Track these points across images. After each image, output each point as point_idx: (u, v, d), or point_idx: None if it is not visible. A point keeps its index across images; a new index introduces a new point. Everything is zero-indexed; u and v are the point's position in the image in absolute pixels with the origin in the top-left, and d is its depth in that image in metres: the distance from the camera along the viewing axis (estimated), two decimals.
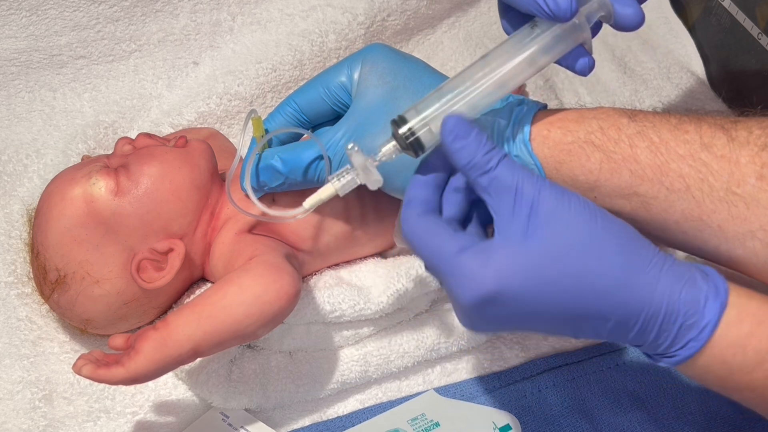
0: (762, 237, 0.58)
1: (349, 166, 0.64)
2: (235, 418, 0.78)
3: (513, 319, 0.58)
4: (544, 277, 0.55)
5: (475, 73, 0.63)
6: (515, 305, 0.56)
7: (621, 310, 0.56)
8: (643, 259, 0.56)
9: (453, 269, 0.57)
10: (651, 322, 0.56)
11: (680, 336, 0.56)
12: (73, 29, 0.95)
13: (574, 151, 0.64)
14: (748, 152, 0.59)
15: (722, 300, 0.55)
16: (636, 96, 1.03)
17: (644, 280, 0.56)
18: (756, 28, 0.96)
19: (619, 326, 0.56)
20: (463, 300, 0.57)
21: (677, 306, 0.55)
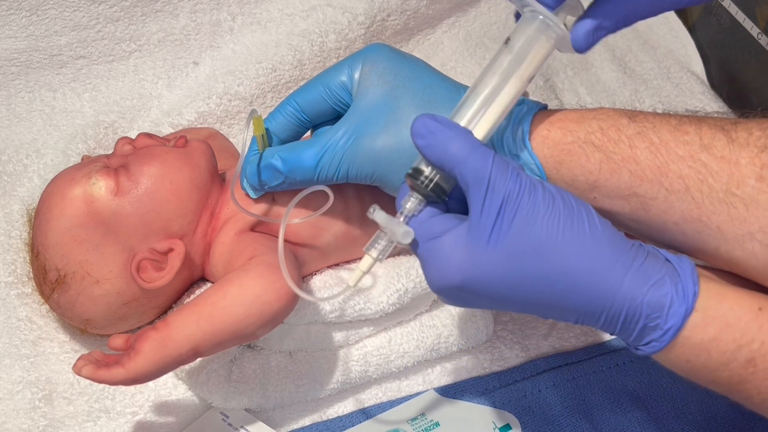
0: (761, 238, 0.58)
1: (379, 233, 0.62)
2: (235, 418, 0.78)
3: (481, 304, 0.61)
4: (507, 273, 0.57)
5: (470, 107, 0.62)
6: (480, 295, 0.59)
7: (583, 308, 0.58)
8: (610, 258, 0.57)
9: (424, 255, 0.60)
10: (612, 320, 0.58)
11: (642, 335, 0.58)
12: (73, 29, 0.95)
13: (573, 151, 0.64)
14: (748, 153, 0.59)
15: (688, 305, 0.56)
16: (636, 96, 1.03)
17: (607, 282, 0.57)
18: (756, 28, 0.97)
19: (583, 319, 0.59)
20: (431, 285, 0.61)
21: (639, 309, 0.57)
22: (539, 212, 0.57)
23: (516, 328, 0.86)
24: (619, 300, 0.57)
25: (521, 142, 0.66)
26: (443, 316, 0.82)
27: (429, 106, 0.68)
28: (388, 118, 0.68)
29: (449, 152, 0.58)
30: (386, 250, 0.62)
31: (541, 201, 0.57)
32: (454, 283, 0.58)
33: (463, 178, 0.58)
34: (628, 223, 0.65)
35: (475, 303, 0.61)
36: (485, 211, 0.57)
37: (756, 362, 0.56)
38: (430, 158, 0.59)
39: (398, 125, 0.67)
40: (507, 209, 0.57)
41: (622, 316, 0.57)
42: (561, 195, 0.58)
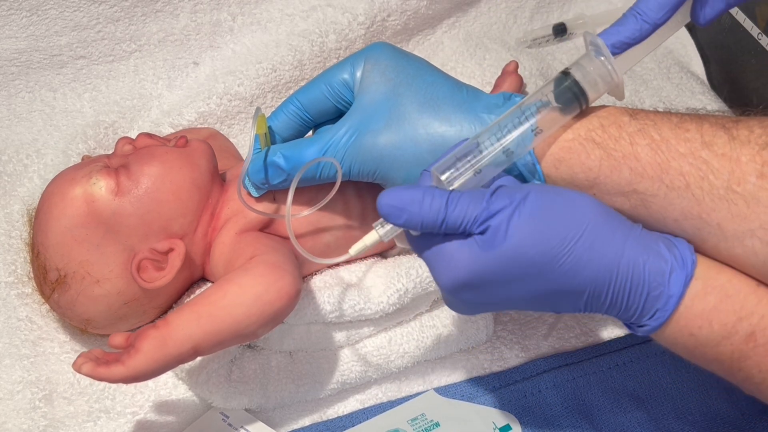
0: (761, 236, 0.58)
1: None
2: (235, 418, 0.78)
3: (489, 301, 0.62)
4: (515, 263, 0.58)
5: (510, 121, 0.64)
6: (488, 291, 0.60)
7: (590, 284, 0.58)
8: (608, 230, 0.59)
9: (431, 256, 0.61)
10: (619, 293, 0.59)
11: (648, 306, 0.59)
12: (74, 29, 0.95)
13: (574, 148, 0.64)
14: (749, 151, 0.59)
15: (688, 272, 0.58)
16: (636, 96, 1.03)
17: (609, 252, 0.58)
18: (756, 28, 0.97)
19: (592, 299, 0.59)
20: (441, 285, 0.61)
21: (642, 277, 0.58)
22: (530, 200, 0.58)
23: (516, 328, 0.86)
24: (623, 268, 0.58)
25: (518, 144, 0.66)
26: (443, 316, 0.82)
27: (431, 104, 0.68)
28: (390, 115, 0.68)
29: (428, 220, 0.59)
30: (391, 233, 0.64)
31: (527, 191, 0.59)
32: (462, 278, 0.59)
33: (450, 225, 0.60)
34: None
35: (483, 302, 0.62)
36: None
37: (756, 336, 0.57)
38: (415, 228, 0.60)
39: (401, 123, 0.68)
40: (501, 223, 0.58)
41: (628, 286, 0.58)
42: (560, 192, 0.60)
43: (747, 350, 0.57)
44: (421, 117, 0.68)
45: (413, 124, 0.68)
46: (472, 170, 0.63)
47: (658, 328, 0.59)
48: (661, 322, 0.59)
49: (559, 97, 0.63)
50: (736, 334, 0.57)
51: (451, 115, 0.67)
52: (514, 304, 0.62)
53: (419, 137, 0.67)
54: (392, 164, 0.68)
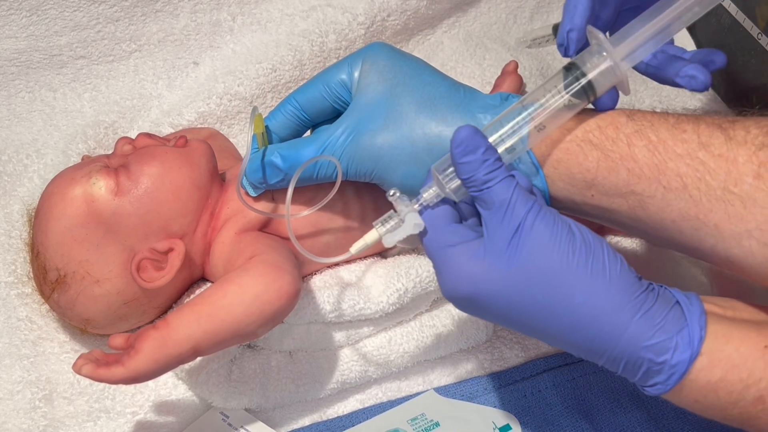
0: (758, 236, 0.58)
1: (392, 212, 0.64)
2: (235, 418, 0.78)
3: (488, 318, 0.62)
4: (515, 295, 0.59)
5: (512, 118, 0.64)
6: (487, 310, 0.60)
7: (585, 345, 0.58)
8: (618, 302, 0.58)
9: (439, 261, 0.61)
10: (615, 362, 0.58)
11: (647, 378, 0.58)
12: (74, 29, 0.95)
13: (571, 149, 0.64)
14: (746, 151, 0.59)
15: (693, 350, 0.57)
16: (635, 96, 1.03)
17: (612, 325, 0.57)
18: (756, 28, 0.97)
19: (586, 355, 0.59)
20: (443, 291, 0.62)
21: (642, 355, 0.57)
22: (554, 243, 0.58)
23: None
24: (623, 344, 0.57)
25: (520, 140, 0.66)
26: (443, 316, 0.82)
27: (429, 104, 0.68)
28: (387, 115, 0.68)
29: (479, 172, 0.60)
30: (391, 231, 0.64)
31: (557, 232, 0.58)
32: (464, 293, 0.60)
33: (485, 199, 0.60)
34: (625, 222, 0.65)
35: (483, 316, 0.62)
36: (502, 229, 0.59)
37: (765, 400, 0.56)
38: (460, 169, 0.60)
39: (398, 122, 0.68)
40: (523, 233, 0.58)
41: (623, 361, 0.58)
42: (579, 230, 0.59)
43: (756, 413, 0.56)
44: (419, 117, 0.68)
45: (410, 124, 0.68)
46: None
47: (659, 396, 0.59)
48: (660, 393, 0.58)
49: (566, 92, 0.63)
50: (744, 399, 0.56)
51: (448, 115, 0.67)
52: (509, 327, 0.62)
53: (416, 137, 0.67)
54: (389, 164, 0.68)
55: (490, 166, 0.60)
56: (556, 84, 0.64)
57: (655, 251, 0.89)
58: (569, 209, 0.68)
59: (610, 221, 0.67)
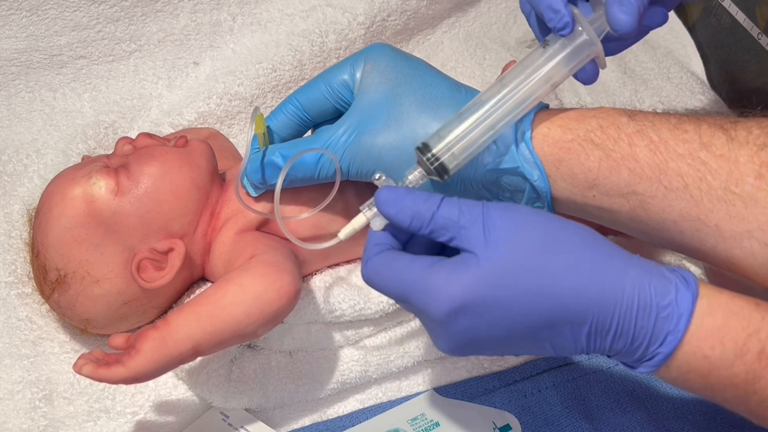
0: (759, 236, 0.58)
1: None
2: (235, 418, 0.78)
3: (488, 332, 0.57)
4: (513, 281, 0.56)
5: (493, 95, 0.65)
6: (488, 314, 0.56)
7: (594, 307, 0.55)
8: (608, 252, 0.57)
9: (421, 285, 0.57)
10: (626, 317, 0.55)
11: (657, 331, 0.56)
12: (74, 29, 0.95)
13: (573, 149, 0.64)
14: (747, 152, 0.59)
15: (693, 290, 0.56)
16: (636, 96, 1.03)
17: (612, 273, 0.56)
18: (756, 28, 0.97)
19: (596, 328, 0.56)
20: (435, 313, 0.56)
21: (649, 296, 0.55)
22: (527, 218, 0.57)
23: None
24: (629, 288, 0.55)
25: (523, 140, 0.66)
26: None
27: (430, 104, 0.68)
28: (389, 115, 0.68)
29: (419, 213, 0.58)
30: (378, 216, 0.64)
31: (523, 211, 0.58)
32: (460, 301, 0.56)
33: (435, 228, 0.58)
34: (627, 222, 0.65)
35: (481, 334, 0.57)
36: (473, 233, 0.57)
37: (767, 352, 0.55)
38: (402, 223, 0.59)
39: (399, 122, 0.68)
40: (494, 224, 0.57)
41: (635, 308, 0.55)
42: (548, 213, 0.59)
43: (760, 369, 0.55)
44: (420, 117, 0.68)
45: (412, 124, 0.68)
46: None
47: (669, 355, 0.56)
48: (674, 346, 0.55)
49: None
50: (748, 352, 0.55)
51: (449, 115, 0.67)
52: (511, 336, 0.57)
53: (418, 137, 0.67)
54: (391, 164, 0.68)
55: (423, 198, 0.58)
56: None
57: (656, 252, 0.89)
58: (570, 210, 0.68)
59: (611, 222, 0.67)
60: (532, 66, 0.65)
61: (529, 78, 0.65)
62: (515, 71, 0.66)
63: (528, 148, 0.66)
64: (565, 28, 0.63)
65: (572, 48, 0.65)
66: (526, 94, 0.65)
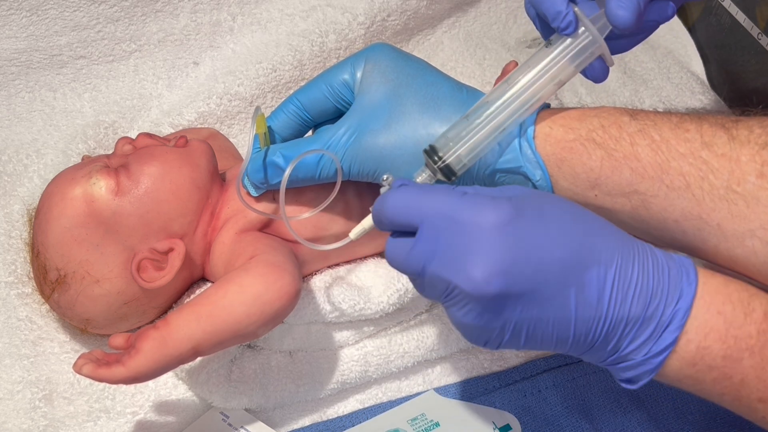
0: (762, 236, 0.58)
1: None
2: (235, 418, 0.78)
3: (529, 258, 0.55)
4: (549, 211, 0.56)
5: (500, 97, 0.66)
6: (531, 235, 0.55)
7: (618, 251, 0.56)
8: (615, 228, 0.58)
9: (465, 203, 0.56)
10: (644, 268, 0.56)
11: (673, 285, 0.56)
12: (74, 29, 0.95)
13: (575, 148, 0.64)
14: (749, 151, 0.59)
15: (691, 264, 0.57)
16: (636, 96, 1.03)
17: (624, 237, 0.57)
18: (756, 28, 0.97)
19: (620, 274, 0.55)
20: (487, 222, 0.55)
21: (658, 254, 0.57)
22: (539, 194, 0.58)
23: None
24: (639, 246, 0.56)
25: (525, 139, 0.66)
26: (443, 316, 0.82)
27: (431, 104, 0.68)
28: (390, 115, 0.68)
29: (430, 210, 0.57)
30: None
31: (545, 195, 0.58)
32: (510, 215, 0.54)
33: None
34: (628, 222, 0.65)
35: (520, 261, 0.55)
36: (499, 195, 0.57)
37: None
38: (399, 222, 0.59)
39: (401, 122, 0.68)
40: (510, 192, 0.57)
41: (650, 261, 0.55)
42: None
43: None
44: (422, 117, 0.68)
45: (413, 124, 0.68)
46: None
47: (689, 309, 0.55)
48: (691, 298, 0.55)
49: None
50: (754, 311, 0.55)
51: (451, 115, 0.67)
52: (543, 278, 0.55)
53: (419, 137, 0.67)
54: (392, 164, 0.68)
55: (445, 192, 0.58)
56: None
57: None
58: None
59: (613, 221, 0.66)
60: (537, 66, 0.66)
61: (534, 78, 0.66)
62: (520, 71, 0.66)
63: (531, 148, 0.66)
64: (569, 27, 0.64)
65: (576, 46, 0.65)
66: (532, 93, 0.66)
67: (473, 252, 0.55)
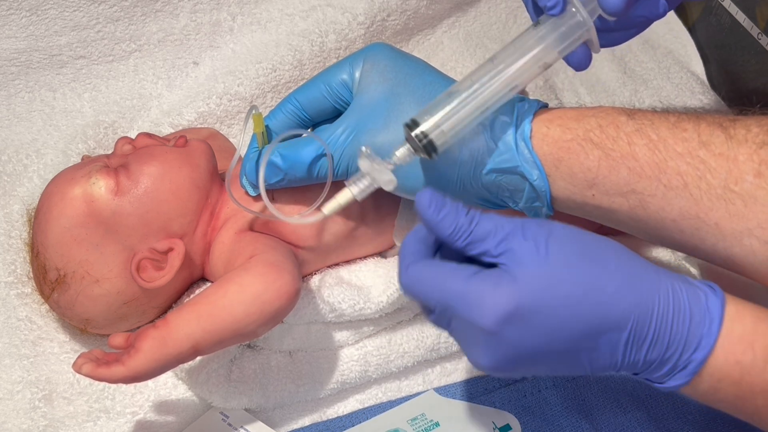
0: (759, 234, 0.58)
1: (363, 171, 0.64)
2: (235, 418, 0.78)
3: (533, 342, 0.55)
4: (557, 289, 0.54)
5: (484, 75, 0.65)
6: (534, 321, 0.54)
7: (634, 312, 0.55)
8: (641, 263, 0.56)
9: (466, 294, 0.55)
10: (663, 321, 0.55)
11: (691, 336, 0.55)
12: (73, 29, 0.95)
13: (572, 148, 0.64)
14: (747, 150, 0.59)
15: (721, 297, 0.56)
16: (636, 96, 1.03)
17: (648, 279, 0.55)
18: (756, 28, 0.97)
19: (635, 334, 0.55)
20: (484, 322, 0.54)
21: (684, 301, 0.55)
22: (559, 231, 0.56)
23: None
24: (663, 293, 0.55)
25: (522, 139, 0.66)
26: None
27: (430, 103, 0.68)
28: (388, 114, 0.68)
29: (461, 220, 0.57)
30: (366, 191, 0.64)
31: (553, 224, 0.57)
32: (510, 308, 0.54)
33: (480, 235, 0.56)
34: (626, 221, 0.65)
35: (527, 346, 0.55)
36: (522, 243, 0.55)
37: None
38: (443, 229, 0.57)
39: (398, 122, 0.68)
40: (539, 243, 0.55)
41: (671, 311, 0.55)
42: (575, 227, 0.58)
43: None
44: None
45: None
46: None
47: (704, 361, 0.55)
48: (707, 351, 0.55)
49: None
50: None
51: None
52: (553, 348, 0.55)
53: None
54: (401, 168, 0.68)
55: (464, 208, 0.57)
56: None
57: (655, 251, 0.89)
58: (570, 210, 0.68)
59: (611, 221, 0.67)
60: (523, 46, 0.65)
61: (519, 58, 0.65)
62: (506, 51, 0.65)
63: (527, 148, 0.66)
64: (555, 7, 0.63)
65: (563, 28, 0.64)
66: (517, 73, 0.65)
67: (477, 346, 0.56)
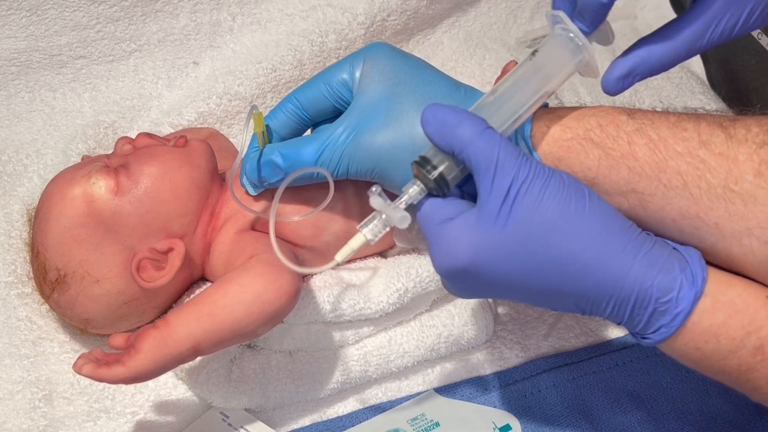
0: (759, 234, 0.58)
1: (375, 213, 0.63)
2: (235, 418, 0.78)
3: (487, 290, 0.62)
4: (515, 256, 0.58)
5: (488, 110, 0.64)
6: (487, 279, 0.59)
7: (592, 292, 0.58)
8: (619, 243, 0.58)
9: (433, 238, 0.60)
10: (622, 305, 0.58)
11: (652, 321, 0.58)
12: (73, 29, 0.95)
13: (573, 147, 0.64)
14: (747, 150, 0.59)
15: (697, 289, 0.57)
16: (636, 96, 1.03)
17: (617, 265, 0.57)
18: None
19: (591, 306, 0.59)
20: (438, 268, 0.61)
21: (649, 293, 0.57)
22: (548, 194, 0.58)
23: (516, 328, 0.86)
24: (629, 283, 0.57)
25: (522, 138, 0.66)
26: (443, 316, 0.82)
27: (429, 103, 0.68)
28: (388, 114, 0.68)
29: (458, 135, 0.59)
30: (379, 233, 0.63)
31: (550, 184, 0.58)
32: (460, 265, 0.59)
33: (471, 161, 0.58)
34: None
35: (481, 290, 0.62)
36: (493, 192, 0.58)
37: (764, 350, 0.56)
38: (439, 143, 0.60)
39: (399, 121, 0.68)
40: (514, 190, 0.57)
41: (632, 301, 0.58)
42: (570, 180, 0.59)
43: (754, 363, 0.57)
44: (420, 116, 0.68)
45: (411, 122, 0.68)
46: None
47: (660, 342, 0.59)
48: (664, 338, 0.58)
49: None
50: (744, 348, 0.57)
51: None
52: (510, 295, 0.62)
53: (417, 136, 0.67)
54: (390, 163, 0.68)
55: (468, 125, 0.59)
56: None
57: None
58: None
59: None
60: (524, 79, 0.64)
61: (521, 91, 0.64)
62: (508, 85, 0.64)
63: (528, 147, 0.66)
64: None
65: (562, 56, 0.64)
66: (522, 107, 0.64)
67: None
